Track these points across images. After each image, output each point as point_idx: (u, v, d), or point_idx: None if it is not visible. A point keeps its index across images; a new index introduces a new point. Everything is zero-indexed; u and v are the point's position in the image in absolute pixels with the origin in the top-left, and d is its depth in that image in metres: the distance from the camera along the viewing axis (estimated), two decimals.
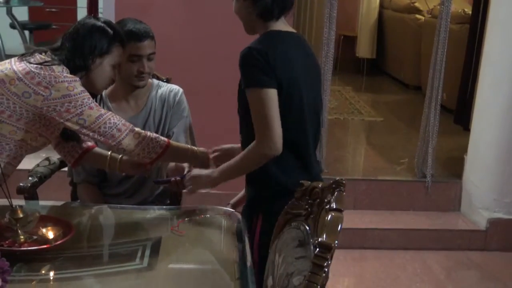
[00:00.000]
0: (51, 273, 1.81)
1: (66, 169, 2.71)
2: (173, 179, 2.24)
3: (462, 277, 3.70)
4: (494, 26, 3.95)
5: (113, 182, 2.60)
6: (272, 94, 2.00)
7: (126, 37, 2.34)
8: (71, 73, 2.04)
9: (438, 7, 7.01)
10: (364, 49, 7.82)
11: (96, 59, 2.10)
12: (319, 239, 1.39)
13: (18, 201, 2.40)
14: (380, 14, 7.86)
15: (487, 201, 3.97)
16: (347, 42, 7.93)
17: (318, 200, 1.61)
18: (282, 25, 2.14)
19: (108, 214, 2.29)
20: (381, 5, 7.85)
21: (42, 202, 2.47)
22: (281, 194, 1.99)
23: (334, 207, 1.46)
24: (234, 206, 2.36)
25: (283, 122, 2.02)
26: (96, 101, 2.43)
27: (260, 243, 2.06)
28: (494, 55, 3.93)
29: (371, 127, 5.83)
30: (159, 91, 2.61)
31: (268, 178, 2.09)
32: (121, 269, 1.82)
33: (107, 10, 3.89)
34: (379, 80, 7.75)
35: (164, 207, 2.50)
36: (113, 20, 3.78)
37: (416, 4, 7.13)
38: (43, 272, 1.79)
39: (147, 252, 1.90)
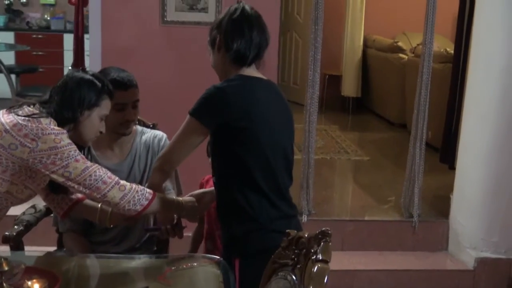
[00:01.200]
0: None
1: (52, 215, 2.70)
2: (163, 227, 2.24)
3: None
4: (476, 65, 4.00)
5: (98, 230, 2.58)
6: (200, 133, 2.17)
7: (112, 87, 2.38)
8: (59, 125, 2.05)
9: (421, 46, 7.20)
10: (349, 88, 7.91)
11: (84, 111, 2.12)
12: None
13: (2, 249, 2.40)
14: (364, 53, 7.97)
15: (474, 240, 3.98)
16: (332, 81, 8.02)
17: (304, 250, 1.62)
18: (254, 71, 2.23)
19: (94, 263, 2.27)
20: (365, 44, 7.96)
21: (27, 251, 2.46)
22: (253, 232, 2.14)
23: (320, 258, 1.48)
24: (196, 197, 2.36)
25: (246, 160, 2.13)
26: (80, 150, 2.46)
27: (240, 284, 2.09)
28: (476, 93, 3.98)
29: (357, 167, 5.86)
30: (143, 137, 2.63)
31: (238, 215, 2.17)
32: None
33: (93, 53, 3.92)
34: (364, 118, 7.81)
35: (151, 255, 2.49)
36: (99, 63, 3.87)
37: (399, 44, 7.25)
38: None
39: None
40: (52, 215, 2.70)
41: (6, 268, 1.83)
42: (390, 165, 5.81)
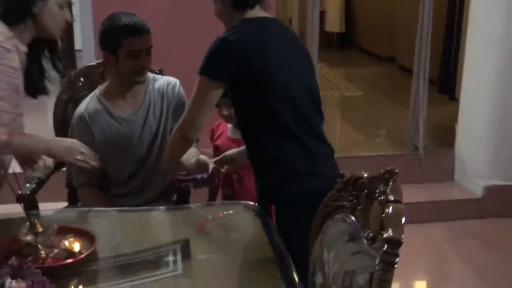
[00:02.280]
0: None
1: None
2: (199, 176, 2.14)
3: (465, 247, 3.70)
4: None
5: (116, 183, 2.50)
6: (216, 90, 2.02)
7: (123, 32, 2.29)
8: (14, 24, 1.92)
9: None
10: (333, 23, 7.76)
11: (37, 2, 1.94)
12: (385, 235, 1.32)
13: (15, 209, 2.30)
14: None
15: (482, 169, 3.99)
16: None
17: (365, 191, 1.53)
18: (259, 12, 2.09)
19: (123, 218, 2.18)
20: None
21: (42, 209, 2.36)
22: (290, 177, 2.04)
23: (392, 198, 1.39)
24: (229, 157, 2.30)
25: (272, 104, 2.01)
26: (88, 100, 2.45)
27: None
28: (480, 20, 3.90)
29: (352, 102, 5.80)
30: (156, 85, 2.51)
31: (272, 163, 2.06)
32: (156, 278, 1.71)
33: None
34: (351, 53, 7.74)
35: (175, 206, 2.42)
36: (91, 16, 3.69)
37: None
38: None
39: (179, 257, 1.81)
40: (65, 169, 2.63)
41: (40, 230, 1.77)
42: (385, 99, 5.75)
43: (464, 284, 3.26)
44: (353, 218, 1.57)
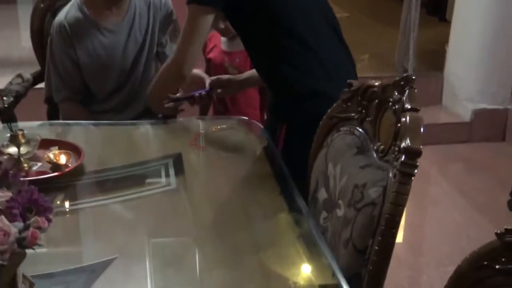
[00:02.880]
0: (67, 204, 1.60)
1: (40, 86, 2.52)
2: (196, 94, 2.00)
3: (452, 170, 3.70)
4: None
5: (99, 98, 2.39)
6: (209, 16, 1.85)
7: None
8: None
9: None
10: None
11: None
12: (403, 144, 1.25)
13: None
14: None
15: (471, 93, 3.96)
16: None
17: (376, 100, 1.45)
18: None
19: (109, 133, 2.09)
20: None
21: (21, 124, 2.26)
22: (304, 98, 1.87)
23: (409, 107, 1.31)
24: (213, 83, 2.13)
25: (281, 13, 1.85)
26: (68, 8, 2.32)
27: (284, 151, 1.91)
28: None
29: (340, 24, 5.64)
30: None
31: (285, 80, 1.90)
32: (148, 193, 1.65)
33: None
34: None
35: (166, 120, 2.31)
36: None
37: None
38: (58, 203, 1.57)
39: (171, 172, 1.74)
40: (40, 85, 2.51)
41: (23, 141, 1.70)
42: (373, 21, 5.61)
43: (452, 207, 3.27)
44: (361, 130, 1.51)
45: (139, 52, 2.35)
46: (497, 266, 1.00)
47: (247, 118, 2.06)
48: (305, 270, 1.37)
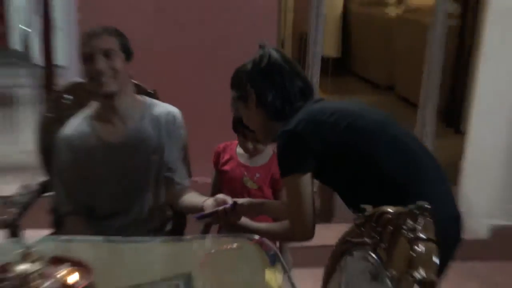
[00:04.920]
0: None
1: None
2: (220, 208, 2.10)
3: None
4: (493, 25, 3.92)
5: (100, 217, 2.45)
6: (309, 179, 2.02)
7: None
8: None
9: None
10: (329, 47, 7.79)
11: None
12: (418, 276, 1.32)
13: None
14: (345, 8, 7.86)
15: (489, 209, 3.99)
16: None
17: (390, 227, 1.53)
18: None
19: (118, 249, 2.13)
20: (346, 1, 7.86)
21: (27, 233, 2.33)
22: None
23: (424, 236, 1.39)
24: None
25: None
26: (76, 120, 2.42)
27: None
28: (495, 55, 3.92)
29: None
30: (154, 112, 2.45)
31: None
32: None
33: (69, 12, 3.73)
34: (346, 80, 7.76)
35: (174, 237, 2.38)
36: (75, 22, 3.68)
37: None
38: None
39: None
40: (48, 194, 2.59)
41: (34, 259, 1.73)
42: None
43: None
44: (374, 256, 1.56)
45: (142, 172, 2.40)
46: None
47: (256, 236, 2.08)
48: None
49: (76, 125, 2.43)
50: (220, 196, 2.20)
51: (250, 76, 2.10)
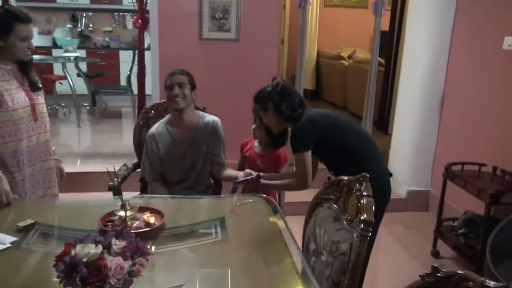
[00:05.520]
0: (153, 248, 1.59)
1: (137, 171, 2.56)
2: (250, 178, 2.10)
3: (394, 229, 3.66)
4: (406, 65, 3.89)
5: (171, 182, 2.40)
6: (308, 154, 2.05)
7: (167, 79, 2.29)
8: None
9: (356, 54, 7.07)
10: (308, 83, 7.74)
11: (1, 40, 1.88)
12: (361, 217, 1.29)
13: (106, 195, 2.25)
14: (318, 60, 7.78)
15: (406, 179, 3.93)
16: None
17: (345, 188, 1.50)
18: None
19: (180, 203, 2.10)
20: (318, 55, 7.78)
21: (125, 194, 2.30)
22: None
23: (366, 194, 1.36)
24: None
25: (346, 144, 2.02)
26: (157, 124, 2.36)
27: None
28: (406, 84, 3.88)
29: None
30: (204, 120, 2.41)
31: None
32: (204, 242, 1.66)
33: (153, 61, 3.71)
34: (318, 103, 7.66)
35: (214, 196, 2.35)
36: (158, 68, 3.66)
37: (341, 54, 7.10)
38: (148, 247, 1.60)
39: (218, 229, 1.75)
40: (139, 169, 2.55)
41: (128, 208, 1.73)
42: None
43: (396, 254, 3.20)
44: (336, 206, 1.54)
45: (196, 157, 2.37)
46: None
47: (264, 195, 2.07)
48: None
49: (156, 127, 2.40)
50: (248, 170, 2.18)
51: (270, 95, 2.08)
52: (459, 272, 0.93)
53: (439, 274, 0.95)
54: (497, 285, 0.82)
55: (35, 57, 5.31)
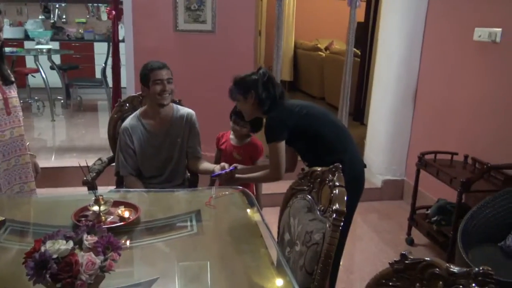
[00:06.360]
0: (128, 243, 1.59)
1: (112, 165, 2.51)
2: (226, 171, 2.07)
3: (370, 218, 3.71)
4: (381, 57, 3.92)
5: (146, 176, 2.38)
6: (283, 143, 2.02)
7: (151, 69, 2.24)
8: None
9: (333, 45, 7.11)
10: (285, 74, 7.75)
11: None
12: (334, 207, 1.30)
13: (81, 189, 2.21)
14: (295, 51, 7.79)
15: (381, 169, 3.98)
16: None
17: (318, 179, 1.51)
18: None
19: (155, 196, 2.08)
20: (295, 46, 7.78)
21: (100, 189, 2.27)
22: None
23: (338, 184, 1.37)
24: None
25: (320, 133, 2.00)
26: (131, 117, 2.33)
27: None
28: (381, 76, 3.91)
29: None
30: (179, 113, 2.39)
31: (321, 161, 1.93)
32: (179, 236, 1.66)
33: (128, 53, 3.64)
34: (296, 94, 7.68)
35: (190, 189, 2.34)
36: (132, 60, 3.60)
37: (319, 45, 7.12)
38: (123, 242, 1.56)
39: (194, 221, 1.74)
40: (113, 164, 2.52)
41: (102, 202, 1.70)
42: None
43: (371, 242, 3.25)
44: (310, 197, 1.55)
45: (172, 150, 2.35)
46: (390, 283, 1.01)
47: (240, 187, 2.06)
48: (277, 284, 1.38)
49: (129, 121, 2.37)
50: (222, 164, 2.16)
51: (255, 84, 2.03)
52: (426, 259, 0.96)
53: (407, 261, 0.97)
54: (461, 270, 0.84)
55: (7, 49, 5.15)
